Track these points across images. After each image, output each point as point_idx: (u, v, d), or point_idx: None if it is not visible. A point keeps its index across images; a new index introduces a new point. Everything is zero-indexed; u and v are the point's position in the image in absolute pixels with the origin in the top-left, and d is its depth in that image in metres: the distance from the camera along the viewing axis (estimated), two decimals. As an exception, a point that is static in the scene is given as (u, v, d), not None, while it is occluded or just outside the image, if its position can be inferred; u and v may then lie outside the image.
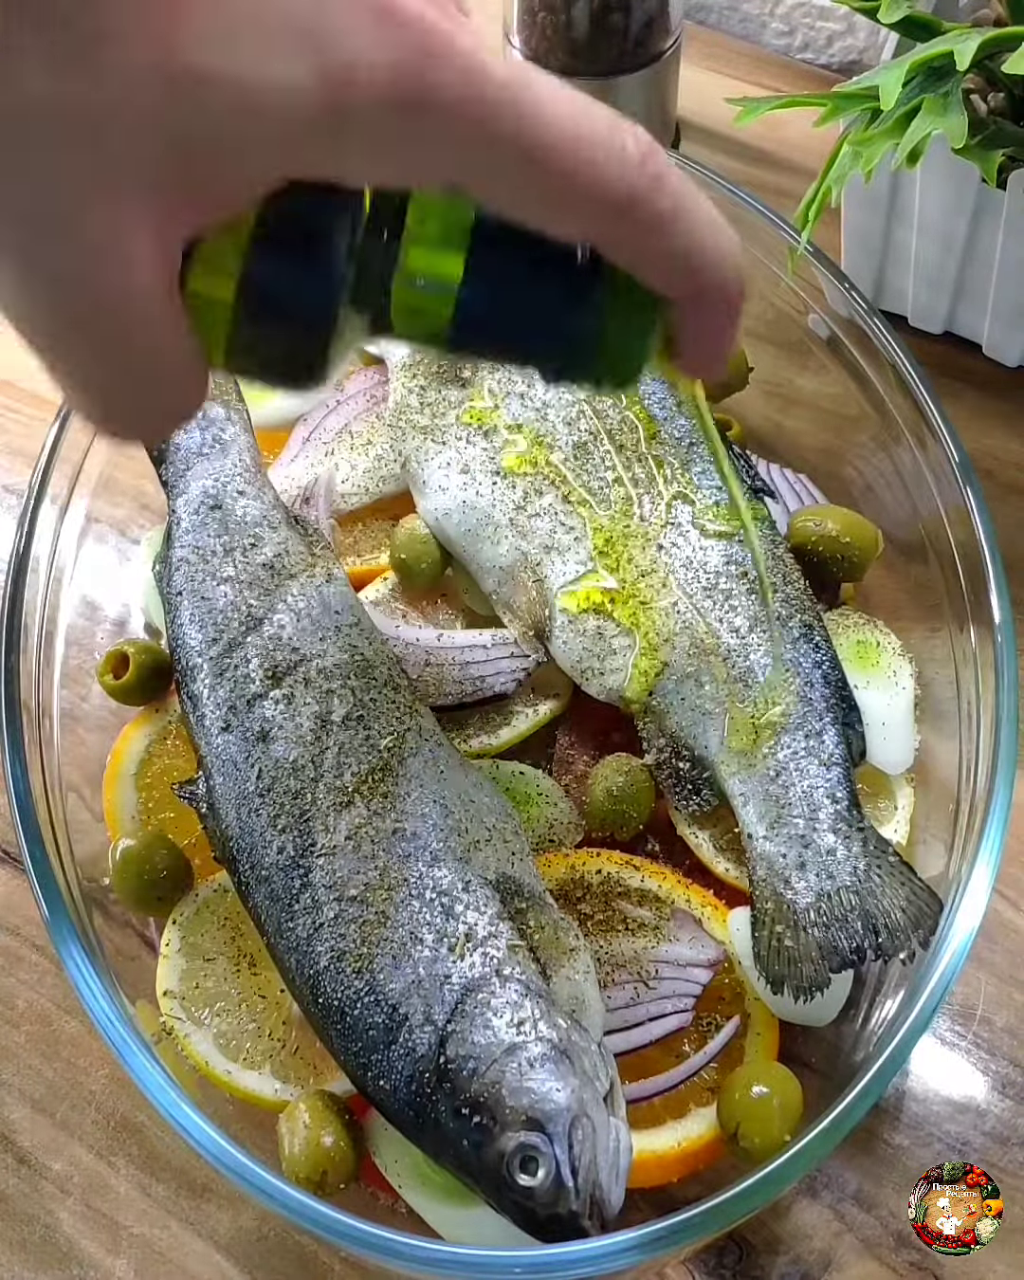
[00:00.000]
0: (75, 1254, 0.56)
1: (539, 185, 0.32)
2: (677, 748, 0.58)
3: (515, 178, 0.32)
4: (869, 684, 0.60)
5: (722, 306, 0.36)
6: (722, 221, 0.35)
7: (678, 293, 0.36)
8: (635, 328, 0.36)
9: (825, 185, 0.63)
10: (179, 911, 0.57)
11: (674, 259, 0.34)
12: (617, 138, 0.32)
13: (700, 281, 0.35)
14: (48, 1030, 0.61)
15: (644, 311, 0.36)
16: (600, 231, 0.34)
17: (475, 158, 0.32)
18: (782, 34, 0.98)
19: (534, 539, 0.62)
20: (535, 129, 0.31)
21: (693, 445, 0.63)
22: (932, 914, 0.52)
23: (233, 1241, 0.56)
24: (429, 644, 0.62)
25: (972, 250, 0.71)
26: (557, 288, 0.35)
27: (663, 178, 0.33)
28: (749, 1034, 0.54)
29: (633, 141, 0.33)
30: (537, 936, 0.50)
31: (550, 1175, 0.45)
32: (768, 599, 0.58)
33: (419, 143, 0.31)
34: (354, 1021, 0.49)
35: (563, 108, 0.32)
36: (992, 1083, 0.58)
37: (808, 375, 0.70)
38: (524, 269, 0.35)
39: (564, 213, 0.33)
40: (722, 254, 0.35)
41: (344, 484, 0.67)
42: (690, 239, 0.34)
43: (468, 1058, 0.47)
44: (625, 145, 0.32)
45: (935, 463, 0.61)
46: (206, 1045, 0.54)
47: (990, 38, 0.59)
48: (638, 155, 0.33)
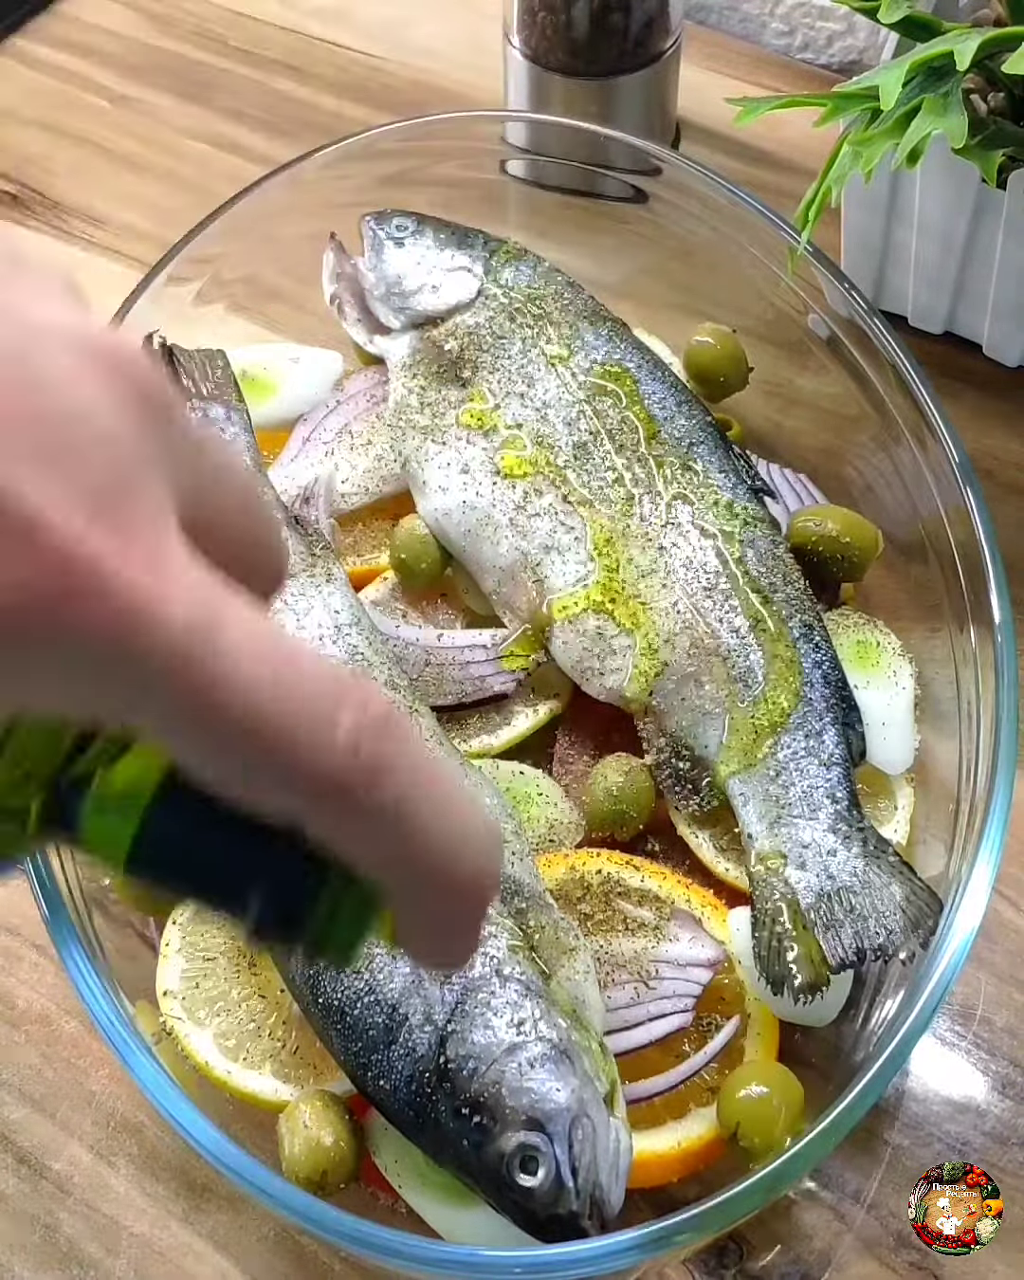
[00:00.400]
0: (75, 1254, 0.56)
1: (213, 753, 0.26)
2: (677, 748, 0.58)
3: (184, 738, 0.26)
4: (869, 684, 0.60)
5: (454, 909, 0.30)
6: (466, 810, 0.29)
7: (392, 889, 0.29)
8: (345, 910, 0.30)
9: (825, 185, 0.63)
10: (179, 911, 0.57)
11: (381, 856, 0.28)
12: (327, 712, 0.26)
13: (417, 882, 0.29)
14: (48, 1030, 0.61)
15: (358, 893, 0.29)
16: (297, 813, 0.27)
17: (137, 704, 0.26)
18: (782, 34, 0.98)
19: (534, 539, 0.62)
20: (207, 680, 0.25)
21: (693, 445, 0.63)
22: (932, 914, 0.52)
23: (233, 1241, 0.56)
24: (429, 644, 0.62)
25: (972, 250, 0.71)
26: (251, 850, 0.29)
27: (384, 770, 0.27)
28: (749, 1034, 0.54)
29: (351, 718, 0.26)
30: (537, 936, 0.50)
31: (550, 1175, 0.45)
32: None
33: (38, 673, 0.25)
34: (354, 1021, 0.49)
35: (259, 669, 0.25)
36: (992, 1083, 0.58)
37: (808, 375, 0.70)
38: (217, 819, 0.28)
39: (236, 781, 0.27)
40: (455, 852, 0.28)
41: (344, 484, 0.67)
42: (407, 838, 0.28)
43: (468, 1058, 0.47)
44: (338, 723, 0.26)
45: (935, 463, 0.61)
46: (206, 1045, 0.54)
47: (990, 38, 0.59)
48: (353, 738, 0.26)
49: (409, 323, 0.68)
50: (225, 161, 0.91)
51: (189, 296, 0.70)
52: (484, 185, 0.77)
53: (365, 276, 0.69)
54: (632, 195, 0.74)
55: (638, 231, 0.75)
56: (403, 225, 0.70)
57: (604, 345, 0.66)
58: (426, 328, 0.68)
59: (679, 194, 0.71)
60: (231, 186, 0.73)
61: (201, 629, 0.25)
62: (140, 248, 0.86)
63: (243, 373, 0.69)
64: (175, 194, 0.89)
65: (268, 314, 0.78)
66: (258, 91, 0.95)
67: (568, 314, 0.67)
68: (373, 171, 0.73)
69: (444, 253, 0.69)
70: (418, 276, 0.68)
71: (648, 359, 0.66)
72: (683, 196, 0.71)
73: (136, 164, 0.92)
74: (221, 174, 0.90)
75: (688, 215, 0.72)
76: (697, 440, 0.63)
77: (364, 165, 0.73)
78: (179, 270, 0.69)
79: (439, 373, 0.66)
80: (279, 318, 0.79)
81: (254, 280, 0.74)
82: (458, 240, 0.70)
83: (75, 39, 0.99)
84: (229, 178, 0.88)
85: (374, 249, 0.70)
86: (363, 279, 0.70)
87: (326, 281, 0.71)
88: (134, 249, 0.86)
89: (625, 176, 0.73)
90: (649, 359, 0.66)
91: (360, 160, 0.73)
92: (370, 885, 0.29)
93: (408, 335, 0.68)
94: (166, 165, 0.91)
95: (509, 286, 0.68)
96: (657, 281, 0.75)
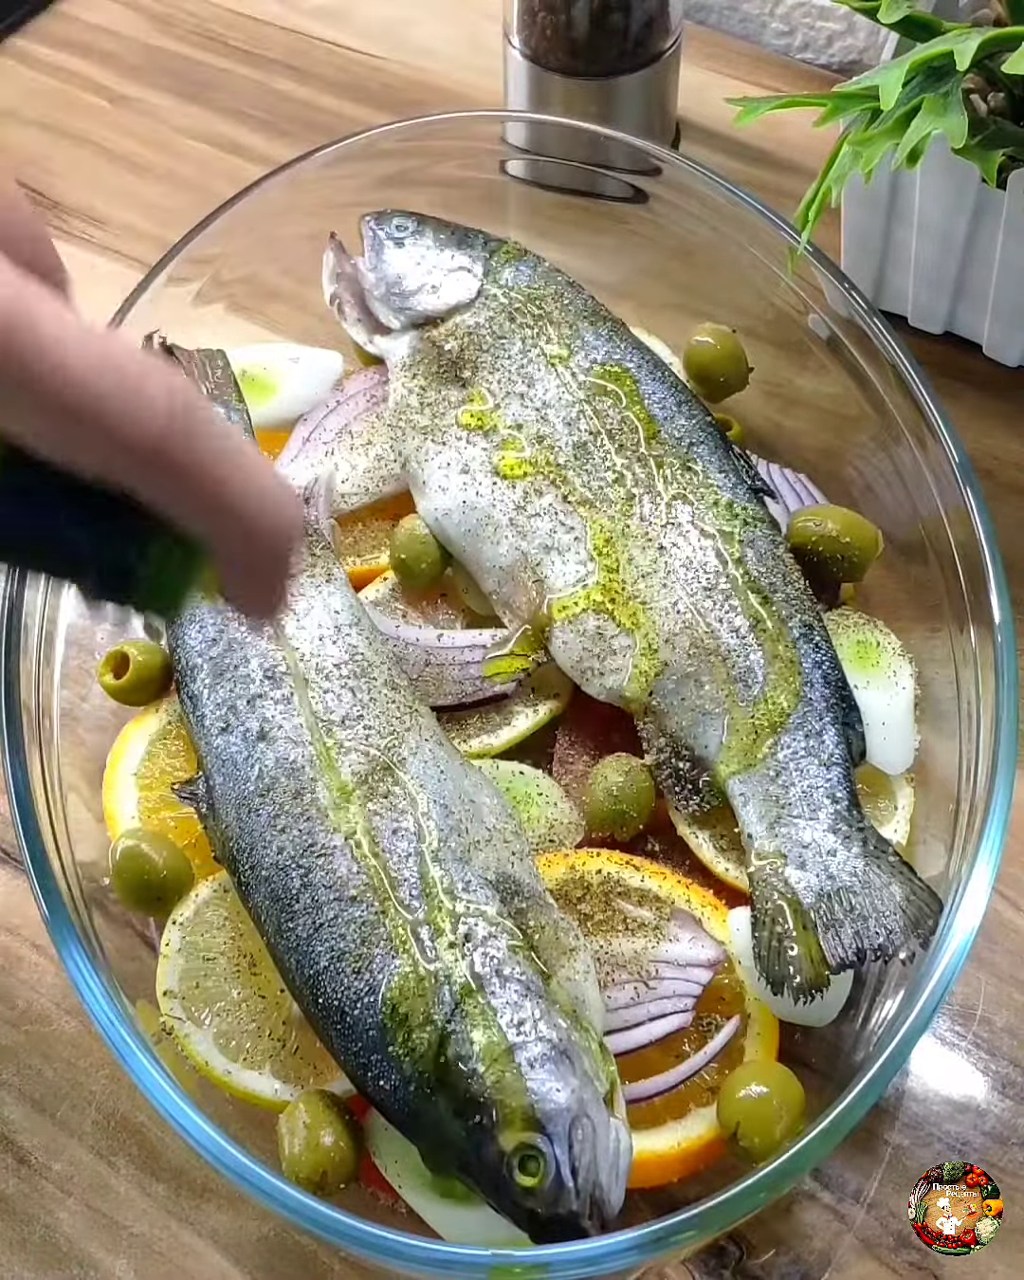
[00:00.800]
0: (75, 1254, 0.56)
1: (33, 416, 0.31)
2: (677, 748, 0.58)
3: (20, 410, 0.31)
4: (869, 684, 0.60)
5: (261, 560, 0.36)
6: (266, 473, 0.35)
7: (212, 541, 0.35)
8: (171, 565, 0.35)
9: (825, 185, 0.63)
10: (179, 911, 0.57)
11: (201, 511, 0.34)
12: (136, 385, 0.32)
13: (232, 534, 0.35)
14: (48, 1030, 0.61)
15: (181, 550, 0.35)
16: (118, 474, 0.33)
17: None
18: (782, 34, 0.98)
19: (534, 539, 0.62)
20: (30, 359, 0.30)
21: (693, 445, 0.63)
22: (932, 914, 0.52)
23: (233, 1241, 0.56)
24: (429, 644, 0.62)
25: (972, 250, 0.71)
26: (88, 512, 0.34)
27: (195, 434, 0.33)
28: (749, 1034, 0.54)
29: (161, 393, 0.32)
30: (537, 936, 0.50)
31: (550, 1175, 0.45)
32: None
33: None
34: (354, 1021, 0.49)
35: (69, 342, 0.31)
36: (992, 1083, 0.58)
37: (808, 375, 0.70)
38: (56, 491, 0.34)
39: (68, 448, 0.32)
40: (264, 503, 0.35)
41: (344, 484, 0.67)
42: (220, 494, 0.34)
43: (468, 1058, 0.47)
44: (149, 395, 0.32)
45: (935, 463, 0.61)
46: (206, 1045, 0.54)
47: (990, 38, 0.59)
48: (165, 407, 0.32)
49: (409, 323, 0.68)
50: (225, 161, 0.91)
51: (189, 296, 0.70)
52: (484, 185, 0.77)
53: (365, 276, 0.69)
54: (632, 195, 0.74)
55: (638, 231, 0.75)
56: (403, 225, 0.70)
57: (604, 345, 0.66)
58: (426, 328, 0.68)
59: (679, 194, 0.71)
60: (231, 186, 0.73)
61: (22, 314, 0.30)
62: (140, 248, 0.86)
63: (243, 373, 0.69)
64: (175, 194, 0.89)
65: (268, 314, 0.78)
66: (258, 91, 0.95)
67: (568, 314, 0.67)
68: (373, 171, 0.73)
69: (444, 253, 0.69)
70: (418, 276, 0.68)
71: (648, 359, 0.66)
72: (683, 196, 0.71)
73: (136, 164, 0.92)
74: (221, 174, 0.90)
75: (688, 215, 0.72)
76: (697, 440, 0.63)
77: (364, 165, 0.73)
78: (179, 270, 0.69)
79: (439, 373, 0.66)
80: (279, 318, 0.79)
81: (254, 280, 0.74)
82: (458, 240, 0.70)
83: (75, 39, 0.99)
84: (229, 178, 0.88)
85: (374, 249, 0.70)
86: (363, 279, 0.70)
87: (326, 281, 0.71)
88: (134, 249, 0.86)
89: (625, 176, 0.73)
90: (649, 359, 0.66)
91: (360, 160, 0.73)
92: (192, 540, 0.35)
93: (408, 335, 0.68)
94: (166, 165, 0.91)
95: (509, 286, 0.68)
96: (657, 281, 0.75)
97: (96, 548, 0.35)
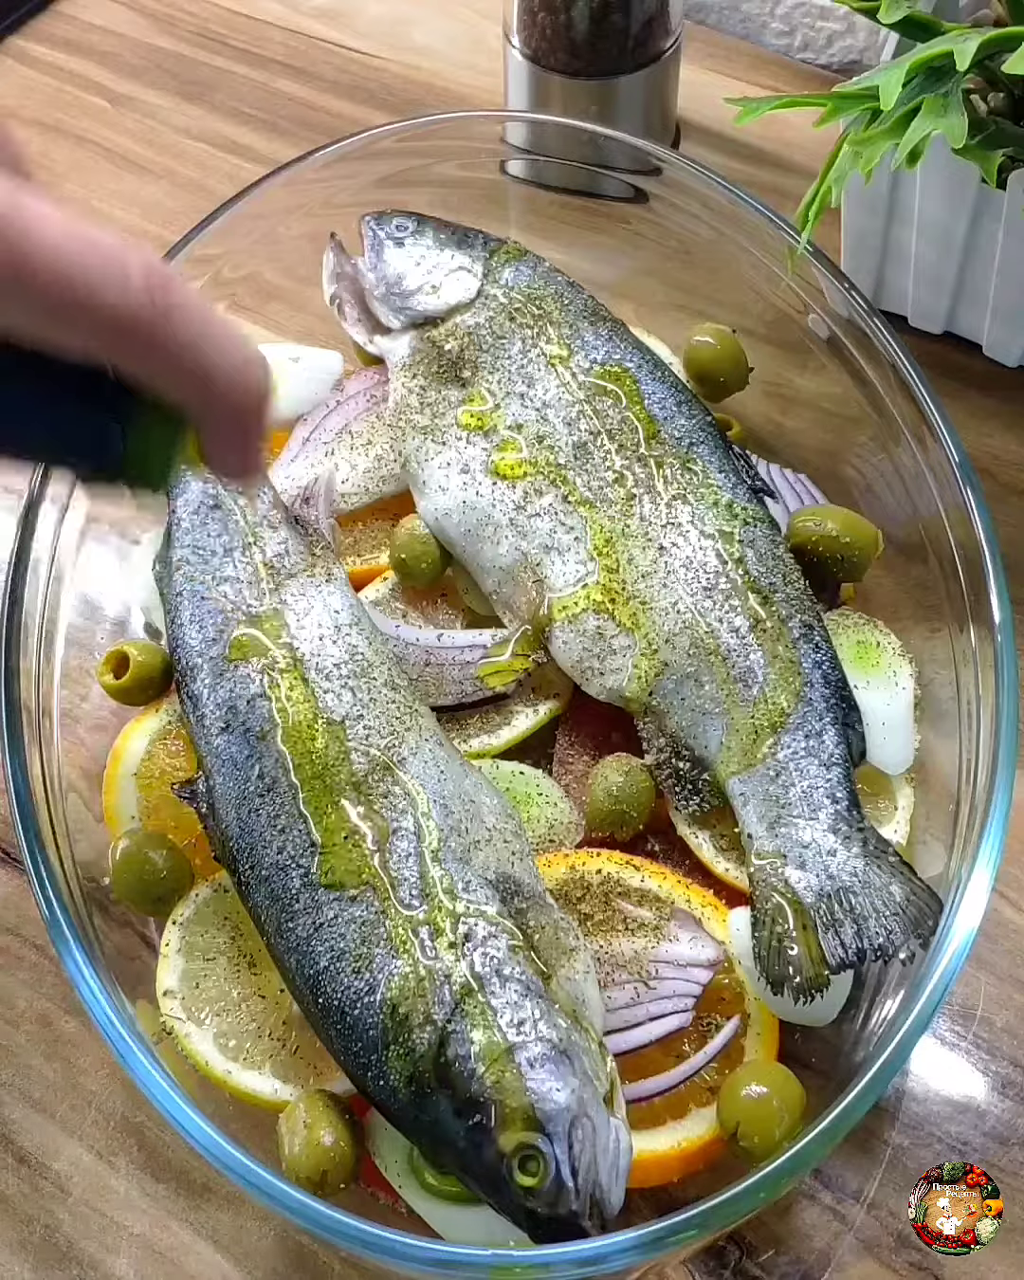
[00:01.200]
0: (75, 1254, 0.56)
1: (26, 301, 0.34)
2: (677, 748, 0.58)
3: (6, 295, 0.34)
4: (869, 684, 0.60)
5: (239, 422, 0.39)
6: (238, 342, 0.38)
7: (194, 409, 0.39)
8: (155, 437, 0.39)
9: (825, 185, 0.63)
10: (179, 911, 0.57)
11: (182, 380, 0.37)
12: (118, 265, 0.35)
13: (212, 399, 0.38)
14: (48, 1030, 0.61)
15: (163, 422, 0.38)
16: (106, 350, 0.36)
17: None
18: (782, 34, 0.98)
19: (534, 539, 0.62)
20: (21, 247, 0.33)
21: (693, 445, 0.63)
22: (932, 914, 0.52)
23: (233, 1241, 0.56)
24: (429, 644, 0.62)
25: (972, 250, 0.71)
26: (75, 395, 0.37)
27: (173, 307, 0.35)
28: (749, 1034, 0.54)
29: (140, 271, 0.35)
30: (537, 936, 0.50)
31: (550, 1175, 0.45)
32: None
33: None
34: (354, 1021, 0.49)
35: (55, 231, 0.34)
36: (992, 1083, 0.58)
37: (808, 375, 0.70)
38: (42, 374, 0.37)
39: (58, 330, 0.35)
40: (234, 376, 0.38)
41: (344, 484, 0.67)
42: (199, 362, 0.37)
43: (468, 1058, 0.47)
44: (129, 274, 0.35)
45: (935, 463, 0.61)
46: (206, 1045, 0.54)
47: (990, 38, 0.59)
48: (143, 284, 0.35)
49: (409, 323, 0.68)
50: (225, 161, 0.91)
51: (189, 297, 0.70)
52: (484, 185, 0.77)
53: (365, 276, 0.69)
54: (632, 195, 0.74)
55: (638, 231, 0.75)
56: (403, 225, 0.70)
57: (604, 345, 0.66)
58: (426, 328, 0.68)
59: (679, 194, 0.71)
60: (231, 186, 0.73)
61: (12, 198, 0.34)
62: (140, 248, 0.86)
63: (243, 373, 0.69)
64: (175, 194, 0.89)
65: (268, 314, 0.78)
66: (258, 91, 0.95)
67: (568, 314, 0.67)
68: (373, 171, 0.73)
69: (444, 253, 0.69)
70: (418, 276, 0.68)
71: (648, 359, 0.66)
72: (683, 196, 0.71)
73: (136, 164, 0.92)
74: (221, 174, 0.90)
75: (688, 215, 0.72)
76: (697, 440, 0.63)
77: (364, 165, 0.73)
78: (179, 270, 0.69)
79: (439, 373, 0.66)
80: (279, 318, 0.79)
81: (254, 280, 0.74)
82: (458, 240, 0.70)
83: (75, 38, 0.99)
84: (229, 178, 0.88)
85: (374, 249, 0.70)
86: (363, 279, 0.70)
87: (326, 281, 0.71)
88: (134, 249, 0.86)
89: (625, 176, 0.73)
90: (649, 359, 0.66)
91: (360, 160, 0.73)
92: (171, 410, 0.38)
93: (408, 335, 0.68)
94: (166, 165, 0.91)
95: (509, 286, 0.68)
96: (657, 281, 0.75)
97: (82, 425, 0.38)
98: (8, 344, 0.35)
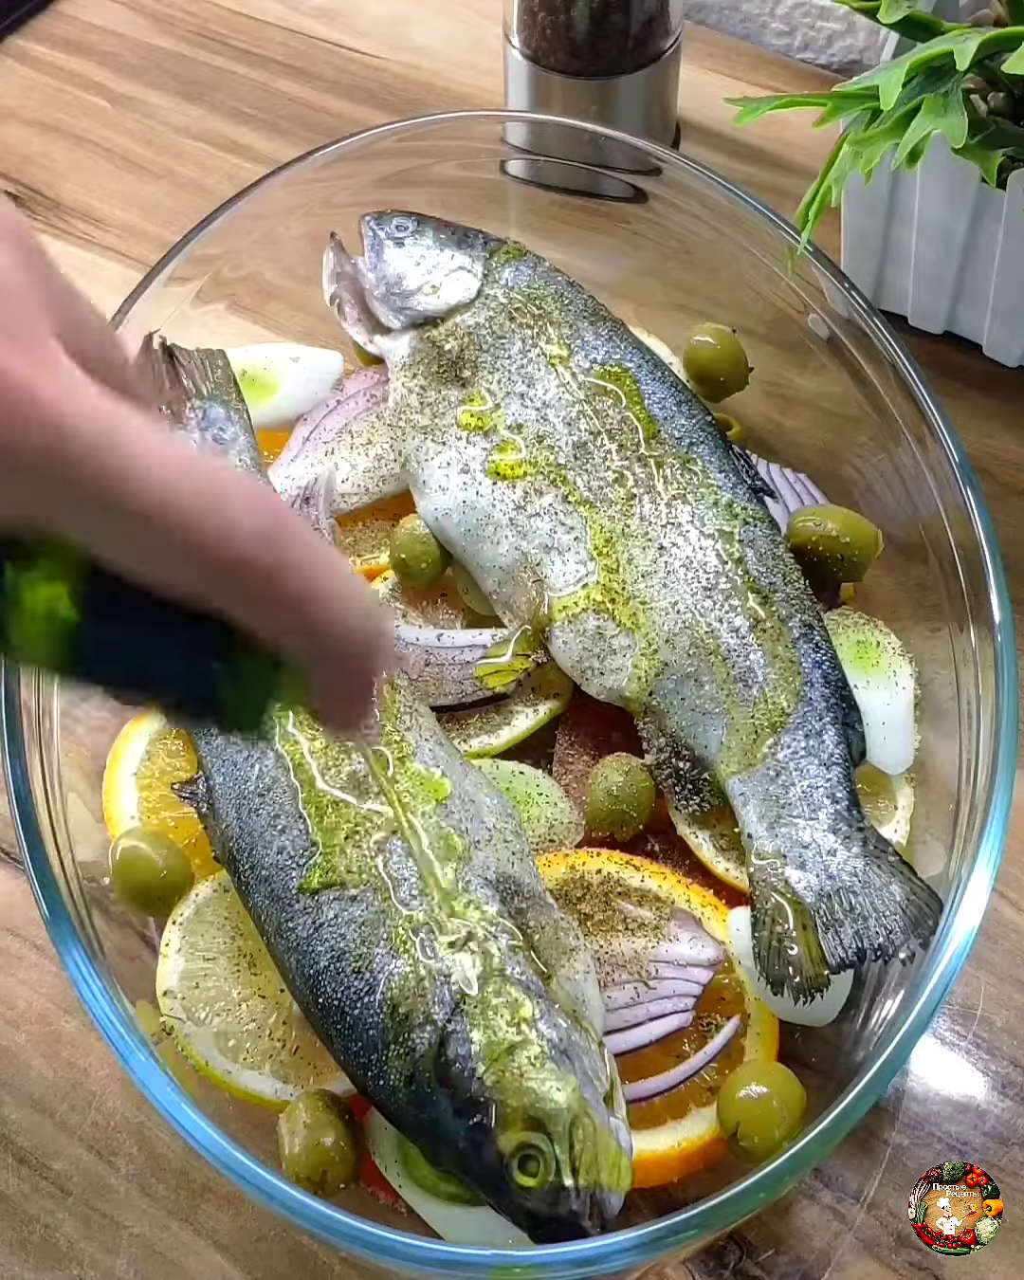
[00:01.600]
0: (75, 1254, 0.56)
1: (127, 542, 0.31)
2: (677, 748, 0.58)
3: (108, 530, 0.31)
4: (869, 684, 0.60)
5: (350, 674, 0.36)
6: (357, 592, 0.35)
7: (303, 657, 0.35)
8: (254, 680, 0.35)
9: (825, 185, 0.63)
10: (179, 911, 0.57)
11: (293, 629, 0.34)
12: (226, 503, 0.31)
13: (325, 653, 0.35)
14: (48, 1030, 0.61)
15: (265, 665, 0.35)
16: (212, 594, 0.32)
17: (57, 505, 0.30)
18: (782, 34, 0.98)
19: (534, 539, 0.62)
20: (120, 485, 0.30)
21: (693, 445, 0.63)
22: (932, 914, 0.52)
23: (233, 1241, 0.56)
24: (429, 644, 0.62)
25: (972, 250, 0.71)
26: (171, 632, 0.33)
27: (288, 557, 0.32)
28: (749, 1034, 0.54)
29: (247, 511, 0.31)
30: (537, 936, 0.50)
31: (550, 1175, 0.45)
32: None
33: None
34: (354, 1021, 0.49)
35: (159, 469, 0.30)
36: (992, 1083, 0.58)
37: (808, 375, 0.70)
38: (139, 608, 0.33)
39: (162, 570, 0.32)
40: (352, 633, 0.34)
41: (344, 484, 0.67)
42: (312, 618, 0.33)
43: (468, 1057, 0.47)
44: (235, 514, 0.31)
45: (935, 463, 0.61)
46: (206, 1045, 0.54)
47: (990, 38, 0.59)
48: (253, 529, 0.31)
49: (409, 323, 0.68)
50: (225, 161, 0.91)
51: (189, 296, 0.70)
52: (484, 185, 0.77)
53: (365, 276, 0.69)
54: (632, 195, 0.74)
55: (638, 231, 0.75)
56: (403, 225, 0.70)
57: (604, 345, 0.66)
58: (426, 328, 0.68)
59: (679, 194, 0.71)
60: (231, 186, 0.73)
61: (113, 433, 0.30)
62: (140, 248, 0.86)
63: (243, 373, 0.69)
64: (175, 194, 0.89)
65: (268, 314, 0.78)
66: (258, 91, 0.95)
67: (568, 314, 0.67)
68: (373, 171, 0.73)
69: (444, 253, 0.69)
70: (417, 276, 0.68)
71: (648, 359, 0.66)
72: (683, 196, 0.71)
73: (136, 164, 0.92)
74: (221, 174, 0.90)
75: (688, 215, 0.72)
76: (697, 440, 0.63)
77: (364, 165, 0.73)
78: (179, 270, 0.69)
79: (439, 373, 0.66)
80: (279, 318, 0.79)
81: (254, 280, 0.74)
82: (458, 240, 0.70)
83: (75, 38, 0.99)
84: (229, 178, 0.88)
85: (374, 249, 0.70)
86: (363, 279, 0.70)
87: (326, 281, 0.71)
88: (134, 249, 0.86)
89: (625, 176, 0.73)
90: (649, 359, 0.66)
91: (360, 160, 0.73)
92: (277, 654, 0.34)
93: (408, 335, 0.68)
94: (166, 165, 0.91)
95: (509, 286, 0.68)
96: (657, 281, 0.75)
97: (181, 665, 0.34)
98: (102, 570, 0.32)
